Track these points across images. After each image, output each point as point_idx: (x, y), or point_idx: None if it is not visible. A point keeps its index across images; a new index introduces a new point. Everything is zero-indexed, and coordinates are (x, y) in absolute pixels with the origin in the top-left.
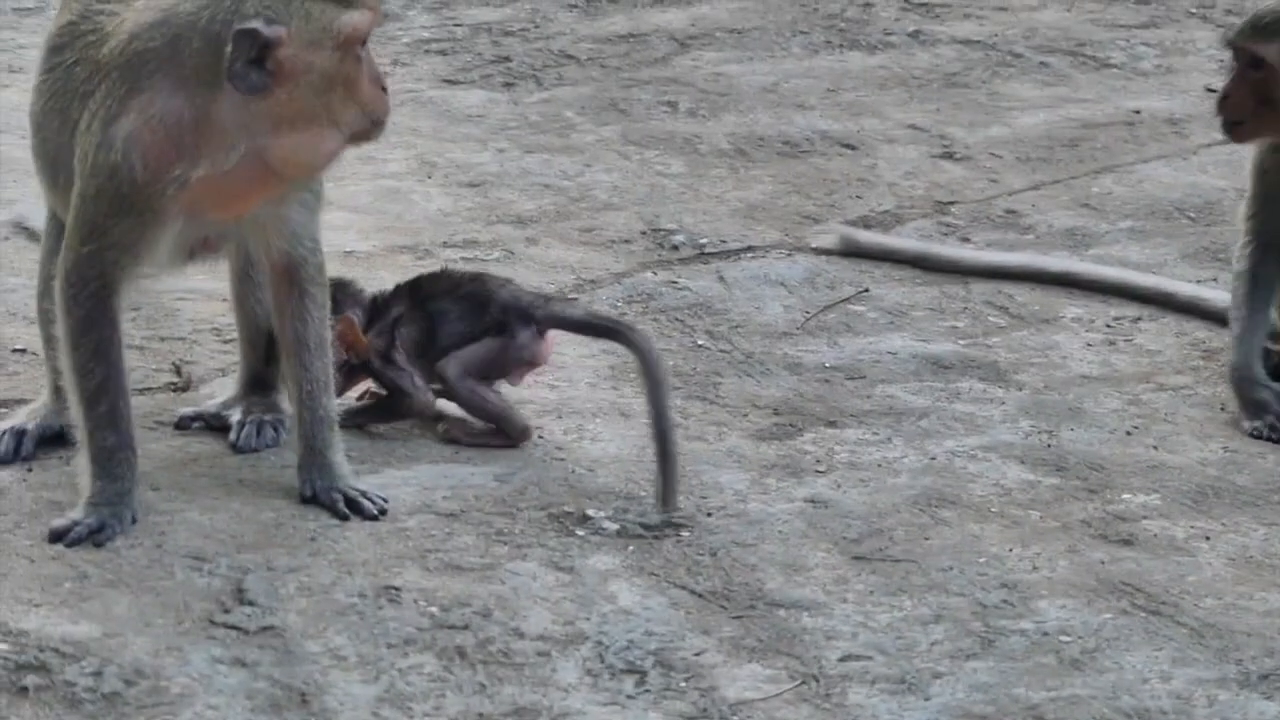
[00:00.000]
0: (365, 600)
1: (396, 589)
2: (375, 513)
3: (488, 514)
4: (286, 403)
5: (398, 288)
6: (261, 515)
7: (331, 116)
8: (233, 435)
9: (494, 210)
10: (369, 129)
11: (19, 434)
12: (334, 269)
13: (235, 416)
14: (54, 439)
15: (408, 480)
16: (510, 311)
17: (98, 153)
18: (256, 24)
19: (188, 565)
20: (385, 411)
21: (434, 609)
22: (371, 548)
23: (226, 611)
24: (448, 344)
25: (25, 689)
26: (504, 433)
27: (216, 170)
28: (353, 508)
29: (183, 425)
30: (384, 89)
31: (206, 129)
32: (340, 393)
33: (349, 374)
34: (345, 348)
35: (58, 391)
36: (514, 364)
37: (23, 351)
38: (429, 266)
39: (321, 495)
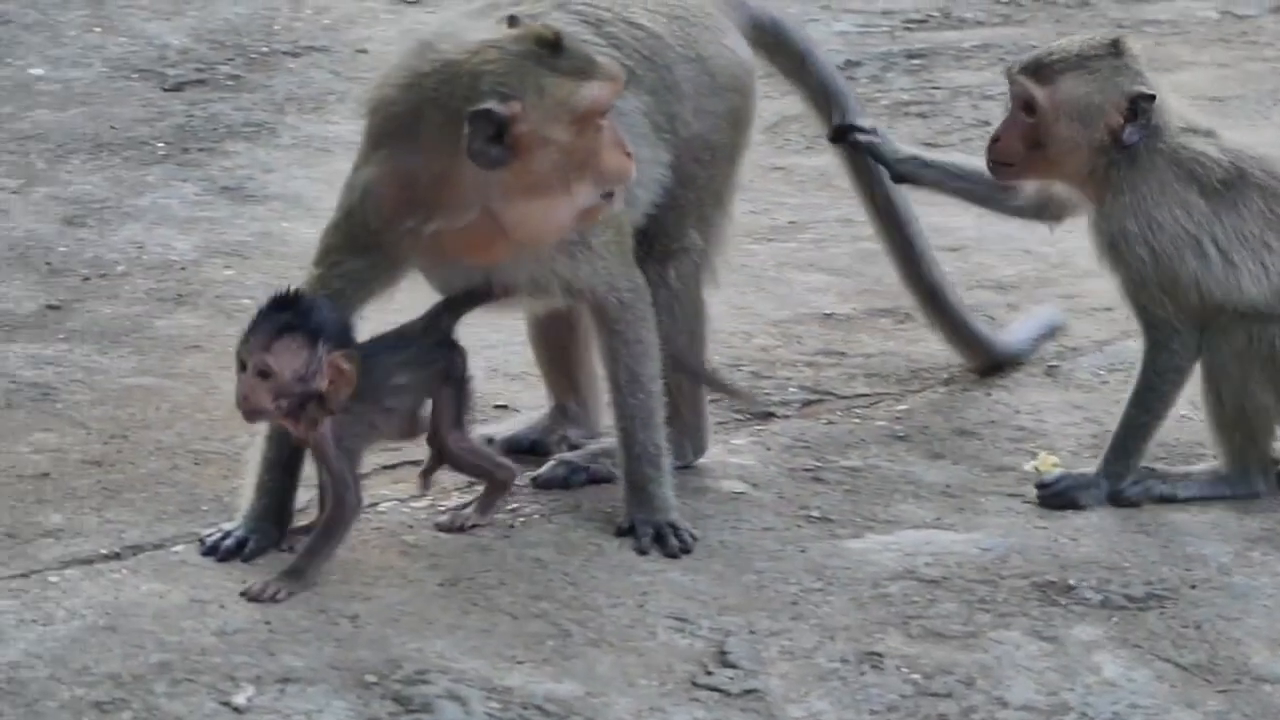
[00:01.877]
0: (847, 665)
1: (879, 655)
2: (675, 550)
3: (970, 581)
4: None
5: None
6: (743, 577)
7: (567, 186)
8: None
9: (974, 275)
10: (608, 195)
11: (485, 442)
12: (813, 331)
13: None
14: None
15: (889, 545)
16: (442, 353)
17: (344, 192)
18: (491, 104)
19: (670, 626)
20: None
21: (916, 676)
22: (853, 613)
23: (709, 673)
24: (415, 409)
25: None
26: (496, 483)
27: (450, 226)
28: (658, 542)
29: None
30: (627, 154)
31: (442, 189)
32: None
33: (298, 405)
34: (331, 380)
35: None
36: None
37: (504, 407)
38: (908, 332)
39: (638, 527)
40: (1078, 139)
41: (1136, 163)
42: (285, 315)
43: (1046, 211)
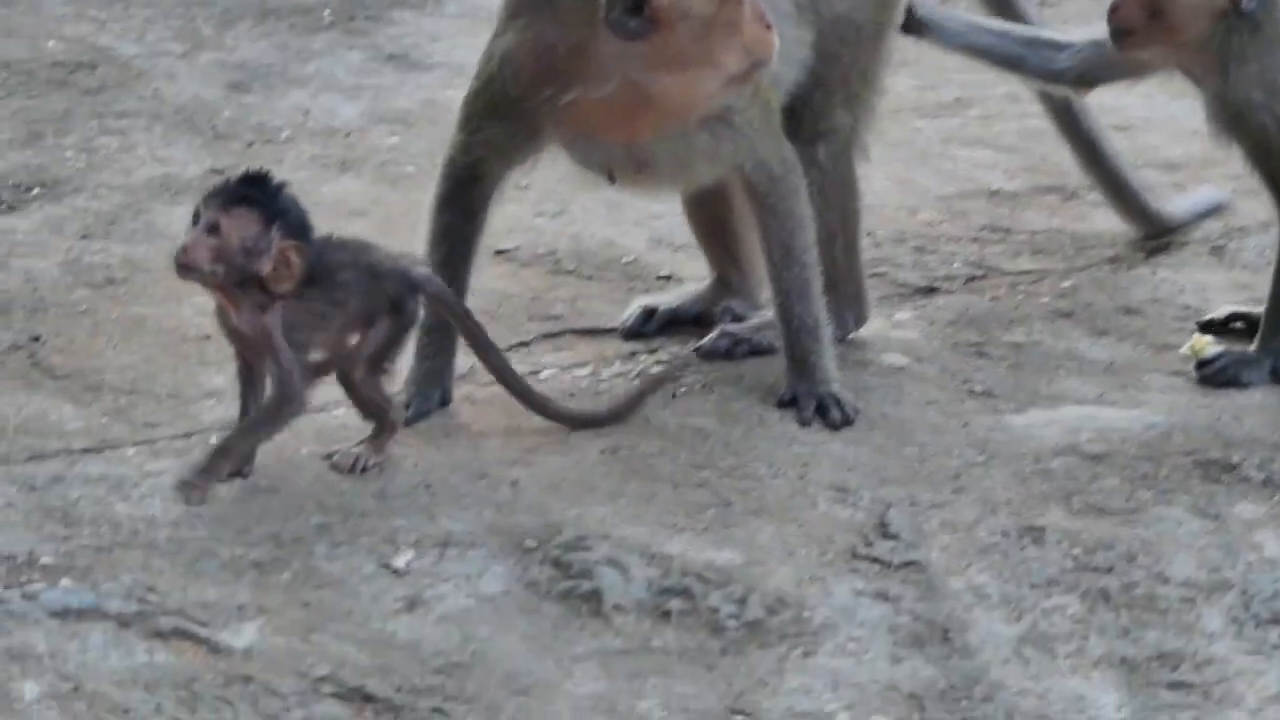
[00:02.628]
0: (1008, 539)
1: (1040, 529)
2: (837, 421)
3: (1132, 458)
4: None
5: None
6: (905, 450)
7: (710, 59)
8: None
9: (1141, 154)
10: (750, 70)
11: (649, 312)
12: (979, 207)
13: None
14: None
15: (1052, 421)
16: (404, 286)
17: (483, 60)
18: None
19: (830, 497)
20: (259, 419)
21: (1077, 551)
22: (1015, 487)
23: (869, 545)
24: (354, 323)
25: (668, 613)
26: (385, 428)
27: (589, 97)
28: (820, 413)
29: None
30: (768, 27)
31: (580, 59)
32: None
33: (233, 279)
34: (275, 266)
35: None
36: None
37: (668, 278)
38: (1074, 210)
39: (800, 399)
40: (1198, 6)
41: (1259, 31)
42: (253, 190)
43: (1088, 76)
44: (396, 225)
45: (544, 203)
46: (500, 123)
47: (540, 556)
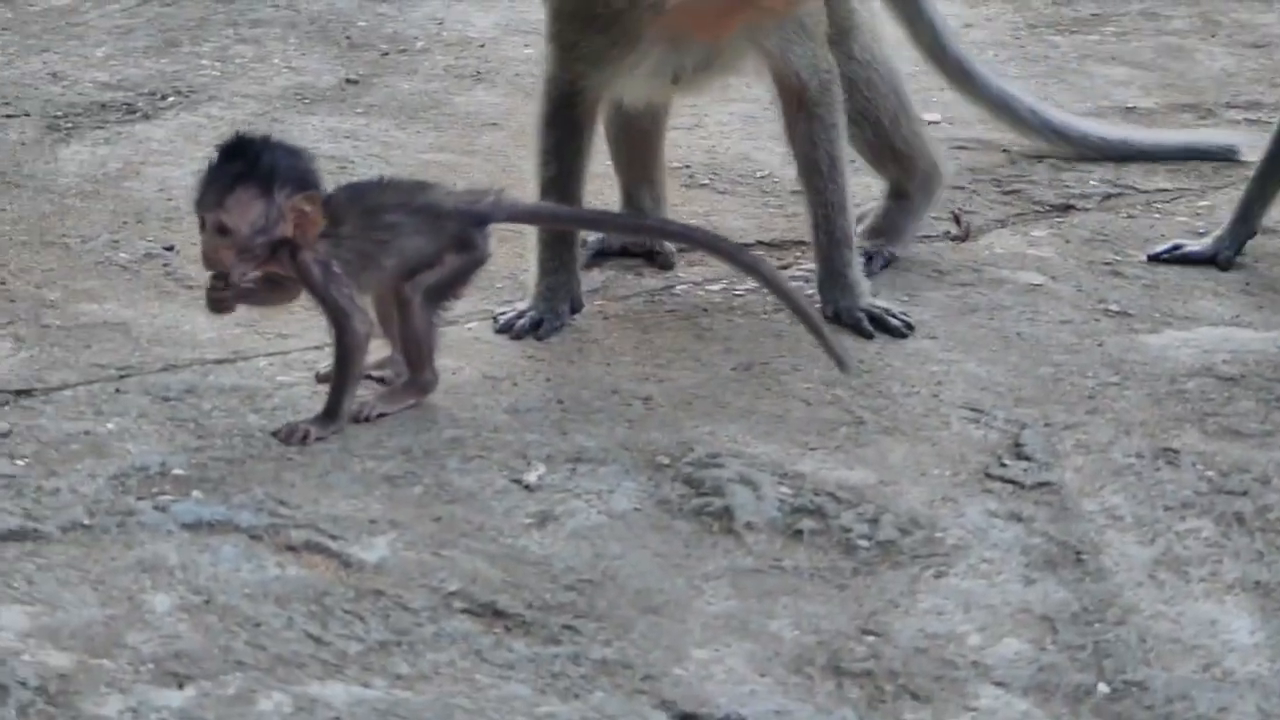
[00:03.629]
0: (1142, 461)
1: (1175, 451)
2: (903, 329)
3: (1268, 379)
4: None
5: (336, 194)
6: (1039, 370)
7: None
8: None
9: (1279, 73)
10: None
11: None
12: (1114, 125)
13: None
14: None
15: (1187, 342)
16: (468, 221)
17: None
18: None
19: (964, 417)
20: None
21: (1212, 473)
22: (1149, 408)
23: (1003, 465)
24: (414, 264)
25: (800, 532)
26: (418, 383)
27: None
28: (878, 325)
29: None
30: None
31: None
32: (234, 277)
33: (266, 255)
34: (296, 224)
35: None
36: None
37: None
38: (1209, 127)
39: (844, 315)
40: None
41: None
42: (236, 165)
43: None
44: (530, 136)
45: (678, 115)
46: (600, 33)
47: (672, 474)
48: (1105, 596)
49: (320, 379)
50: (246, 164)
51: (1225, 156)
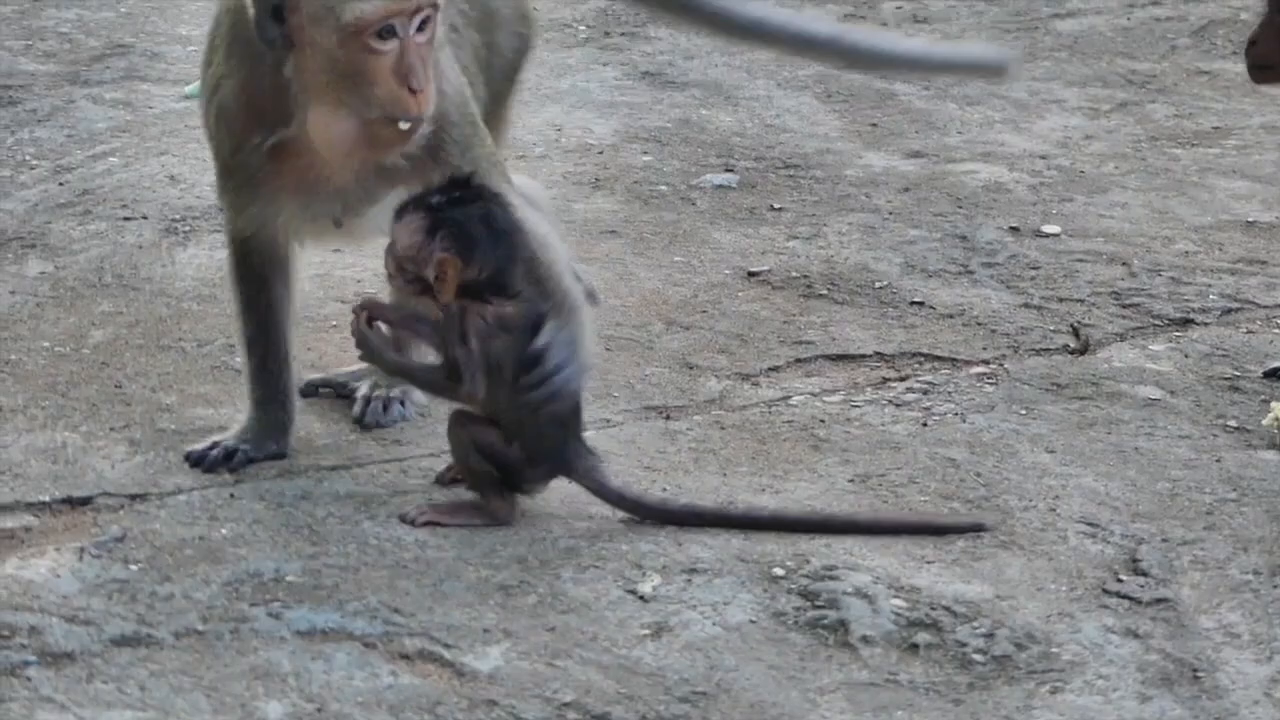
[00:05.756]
0: (1260, 578)
1: None
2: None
3: None
4: None
5: (523, 288)
6: (1156, 485)
7: (342, 98)
8: (356, 409)
9: None
10: (393, 123)
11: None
12: (1235, 239)
13: (361, 390)
14: None
15: None
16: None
17: (204, 121)
18: None
19: (1081, 531)
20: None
21: None
22: (1267, 525)
23: (1120, 580)
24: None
25: (915, 646)
26: (487, 509)
27: (288, 138)
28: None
29: (308, 392)
30: (412, 90)
31: (277, 94)
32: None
33: (417, 283)
34: (437, 280)
35: None
36: None
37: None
38: None
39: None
40: None
41: None
42: (437, 197)
43: None
44: (649, 244)
45: (798, 225)
46: (250, 189)
47: (788, 586)
48: (1221, 715)
49: (439, 481)
50: (444, 201)
51: (995, 72)
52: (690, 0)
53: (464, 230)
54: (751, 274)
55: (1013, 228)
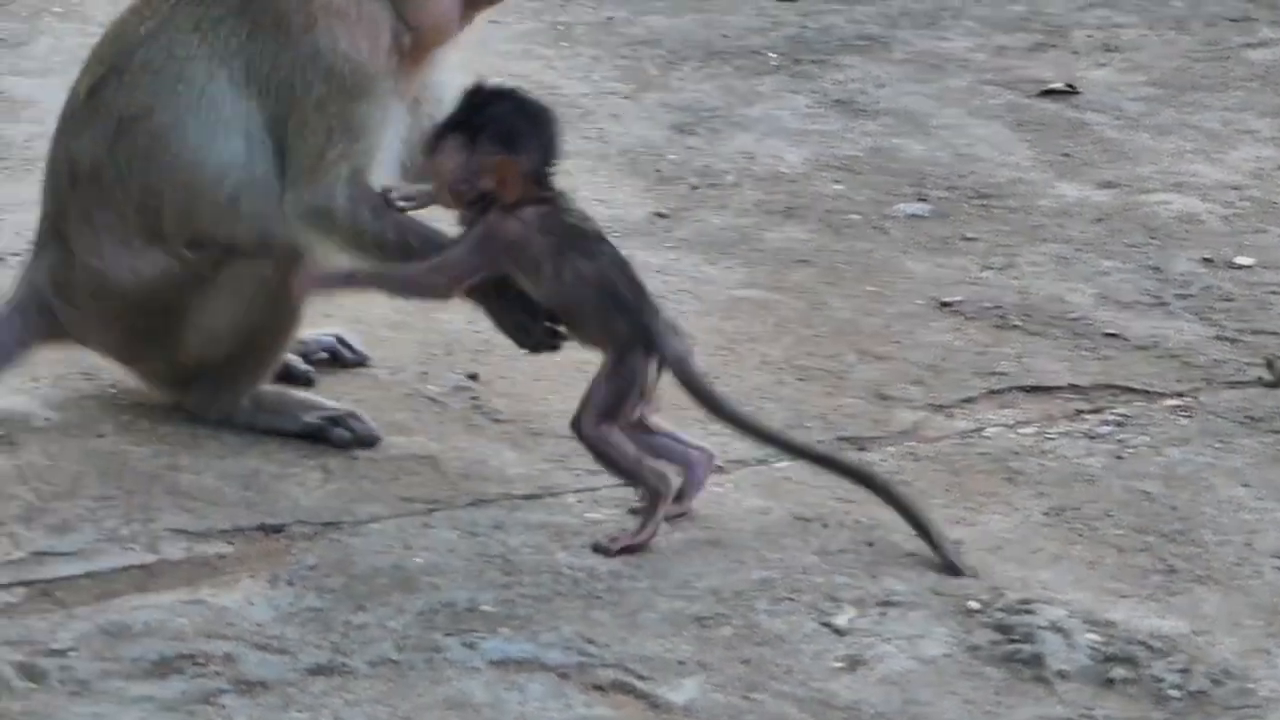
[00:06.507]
0: None
1: None
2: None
3: None
4: None
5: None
6: None
7: None
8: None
9: None
10: None
11: None
12: None
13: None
14: None
15: None
16: (635, 336)
17: None
18: None
19: (1277, 567)
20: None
21: None
22: None
23: None
24: (592, 336)
25: (1111, 681)
26: (650, 495)
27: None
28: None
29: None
30: None
31: None
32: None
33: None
34: (499, 186)
35: None
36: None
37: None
38: None
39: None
40: None
41: None
42: (460, 112)
43: None
44: (841, 274)
45: (991, 255)
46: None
47: (983, 620)
48: None
49: (633, 512)
50: (469, 111)
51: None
52: None
53: (503, 127)
54: (944, 304)
55: (1206, 259)
